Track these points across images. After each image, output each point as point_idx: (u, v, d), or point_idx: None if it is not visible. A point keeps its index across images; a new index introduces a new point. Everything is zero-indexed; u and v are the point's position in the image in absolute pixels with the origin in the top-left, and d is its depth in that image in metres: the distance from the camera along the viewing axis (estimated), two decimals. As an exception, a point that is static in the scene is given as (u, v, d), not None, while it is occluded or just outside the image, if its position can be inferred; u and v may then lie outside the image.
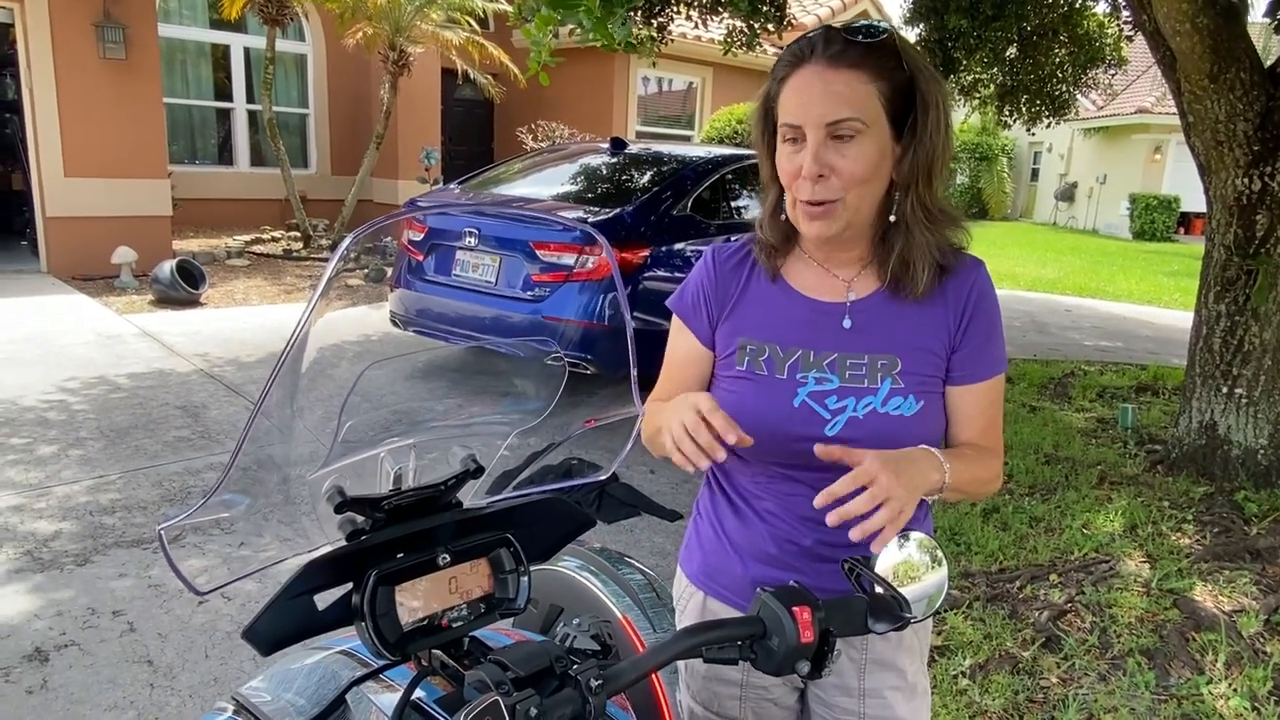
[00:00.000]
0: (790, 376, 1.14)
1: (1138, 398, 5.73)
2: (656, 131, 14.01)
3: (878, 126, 1.04)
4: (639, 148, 5.96)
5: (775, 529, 1.19)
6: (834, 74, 1.02)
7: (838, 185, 1.04)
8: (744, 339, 1.18)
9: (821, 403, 1.13)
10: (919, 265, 1.10)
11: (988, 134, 19.77)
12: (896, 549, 1.08)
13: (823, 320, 1.15)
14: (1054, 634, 2.85)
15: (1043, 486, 4.06)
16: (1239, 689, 2.57)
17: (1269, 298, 4.05)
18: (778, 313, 1.18)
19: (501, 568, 0.95)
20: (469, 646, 0.91)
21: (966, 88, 9.03)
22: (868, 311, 1.15)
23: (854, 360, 1.13)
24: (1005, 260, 13.70)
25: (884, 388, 1.12)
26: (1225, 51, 3.87)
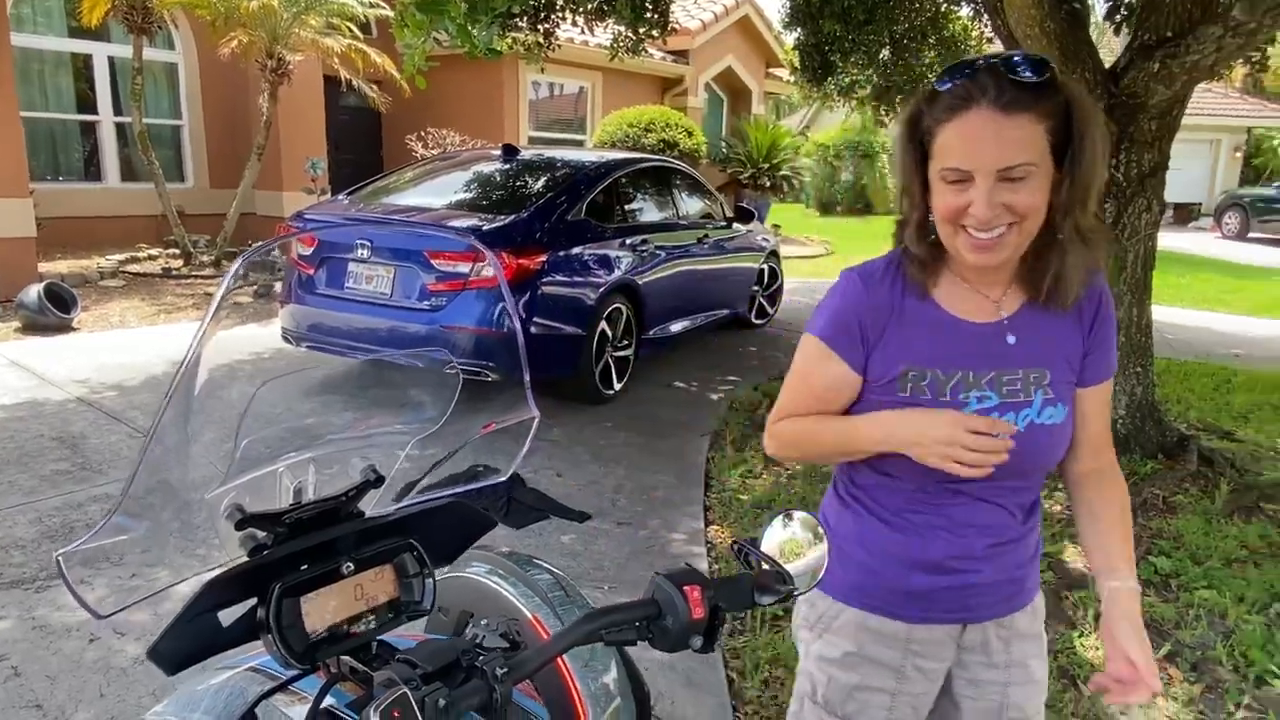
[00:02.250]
0: (953, 398, 1.19)
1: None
2: (550, 136, 14.01)
3: (1045, 162, 1.07)
4: (532, 153, 5.98)
5: (943, 539, 1.25)
6: (1007, 120, 1.04)
7: (1010, 217, 1.07)
8: (906, 365, 1.20)
9: None
10: (1072, 282, 1.16)
11: (868, 132, 20.58)
12: (781, 528, 1.17)
13: (981, 341, 1.20)
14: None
15: (929, 465, 4.29)
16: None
17: (1119, 279, 4.40)
18: (936, 337, 1.20)
19: (406, 572, 0.98)
20: (377, 650, 0.94)
21: (845, 89, 9.40)
22: (1018, 329, 1.20)
23: (1009, 376, 1.19)
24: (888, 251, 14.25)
25: (1037, 399, 1.19)
26: (1071, 53, 4.19)
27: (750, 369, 6.25)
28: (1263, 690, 2.57)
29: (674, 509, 3.81)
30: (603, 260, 5.07)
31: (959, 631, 1.31)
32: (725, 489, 4.03)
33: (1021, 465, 1.19)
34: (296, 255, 4.93)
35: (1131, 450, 4.38)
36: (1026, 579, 1.32)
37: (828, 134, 22.20)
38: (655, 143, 12.54)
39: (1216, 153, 20.02)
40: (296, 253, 4.94)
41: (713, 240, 6.34)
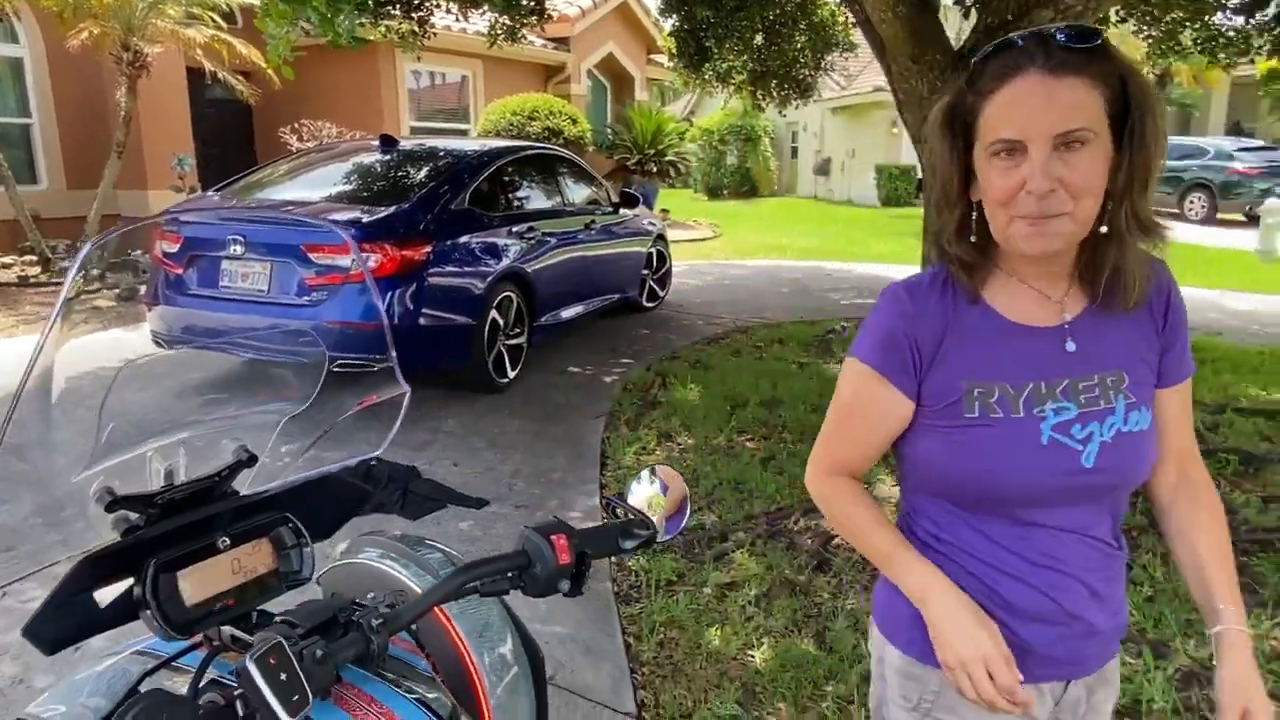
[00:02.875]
0: (1028, 413, 1.06)
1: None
2: (432, 126, 13.76)
3: (1103, 135, 0.98)
4: (412, 144, 5.91)
5: (1054, 582, 1.08)
6: (1059, 82, 0.96)
7: (1066, 198, 0.97)
8: (968, 382, 1.07)
9: (1068, 433, 1.06)
10: (1133, 277, 1.06)
11: (749, 116, 21.06)
12: (647, 483, 1.26)
13: (1045, 347, 1.08)
14: (825, 558, 3.23)
15: (811, 432, 4.49)
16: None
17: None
18: (995, 346, 1.08)
19: (283, 544, 1.02)
20: (259, 620, 0.98)
21: (722, 75, 9.63)
22: (1086, 330, 1.09)
23: (1086, 382, 1.07)
24: (775, 233, 14.74)
25: (1119, 405, 1.07)
26: (922, 36, 4.45)
27: (643, 351, 6.37)
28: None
29: (571, 489, 3.89)
30: (490, 249, 5.07)
31: (1062, 689, 1.14)
32: (620, 467, 4.14)
33: (1114, 481, 1.08)
34: (161, 254, 4.74)
35: (994, 406, 4.73)
36: (1125, 623, 1.18)
37: (711, 119, 22.60)
38: (540, 131, 12.51)
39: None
40: (161, 251, 4.74)
41: (600, 226, 6.42)
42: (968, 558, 1.11)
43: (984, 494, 1.07)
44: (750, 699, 2.46)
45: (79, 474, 0.92)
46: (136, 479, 0.97)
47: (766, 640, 2.72)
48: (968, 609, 1.03)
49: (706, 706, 2.42)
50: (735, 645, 2.69)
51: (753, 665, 2.61)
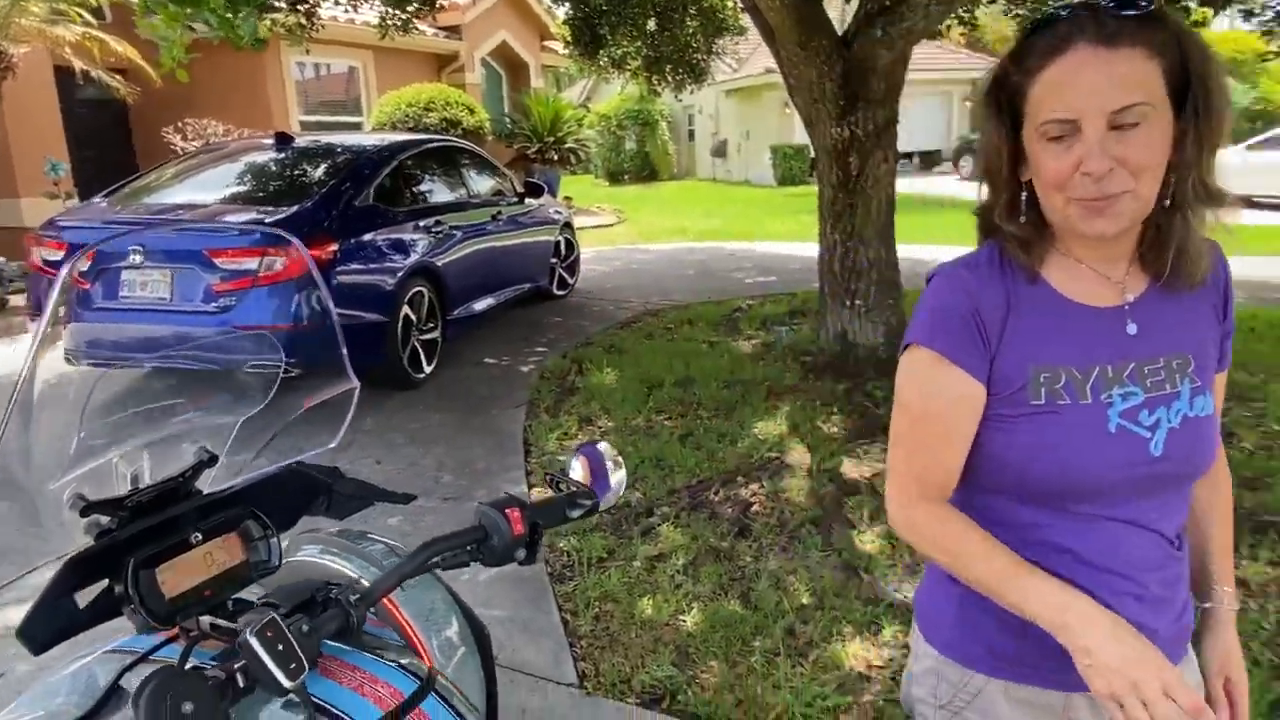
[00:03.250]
0: (1095, 399, 1.00)
1: (791, 321, 6.73)
2: (323, 120, 13.38)
3: (1163, 108, 0.91)
4: (308, 140, 5.80)
5: (1108, 582, 1.00)
6: (1113, 54, 0.90)
7: (1126, 176, 0.92)
8: (1036, 366, 1.00)
9: (1135, 420, 1.00)
10: (1198, 252, 1.00)
11: (646, 101, 21.24)
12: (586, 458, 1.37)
13: (1107, 328, 1.02)
14: (745, 524, 3.41)
15: (725, 407, 4.70)
16: (879, 533, 3.28)
17: (868, 224, 4.99)
18: (1059, 328, 1.02)
19: (251, 536, 1.09)
20: (235, 607, 1.05)
21: (617, 61, 9.73)
22: (1148, 311, 1.03)
23: (1151, 365, 1.01)
24: (676, 216, 14.98)
25: (1185, 389, 1.02)
26: (808, 23, 4.66)
27: (557, 339, 6.45)
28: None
29: (496, 478, 3.96)
30: (397, 245, 5.05)
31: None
32: (544, 453, 4.23)
33: (1182, 470, 1.03)
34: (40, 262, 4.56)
35: (889, 372, 5.00)
36: (1191, 626, 1.10)
37: (609, 104, 22.67)
38: (437, 122, 12.35)
39: (950, 104, 22.40)
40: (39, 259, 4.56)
41: (507, 216, 6.45)
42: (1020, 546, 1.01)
43: (1048, 487, 1.00)
44: (684, 660, 2.61)
45: (55, 482, 0.97)
46: (108, 486, 1.02)
47: (696, 605, 2.87)
48: (1127, 629, 0.91)
49: (645, 671, 2.55)
50: (667, 612, 2.84)
51: (685, 629, 2.76)
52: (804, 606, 2.85)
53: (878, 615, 2.78)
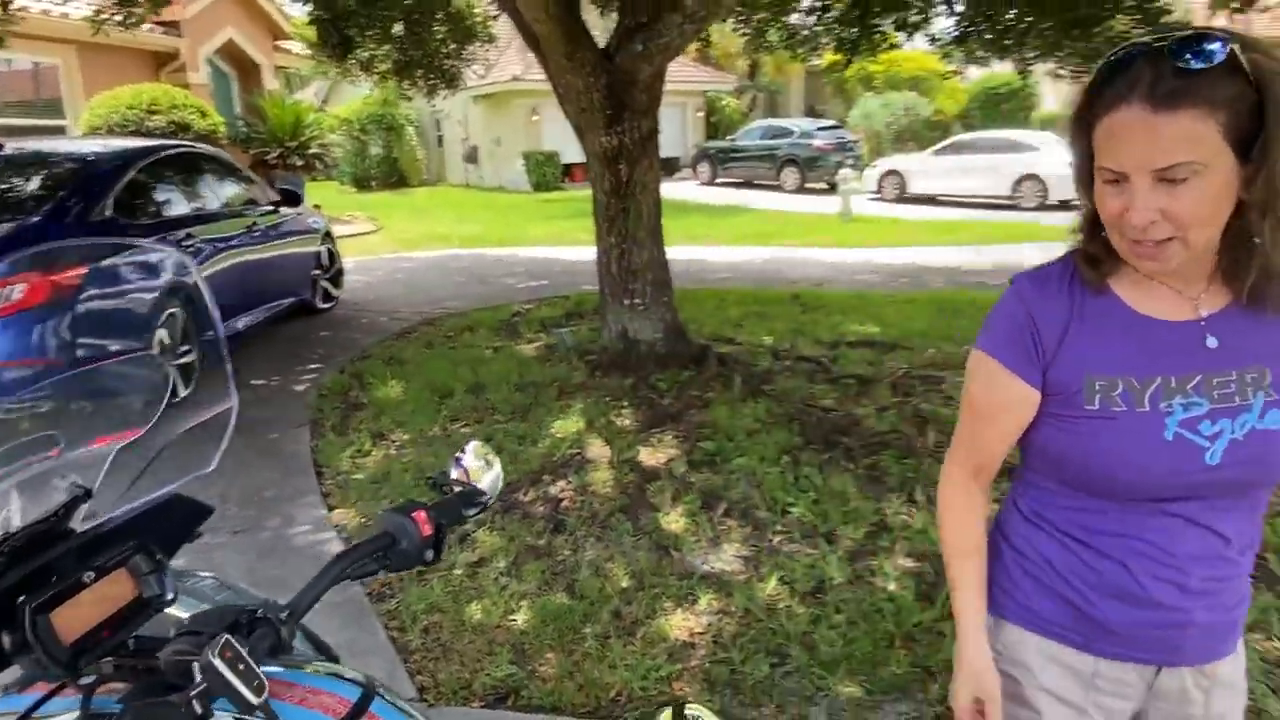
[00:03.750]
0: (1153, 408, 1.04)
1: (570, 322, 6.91)
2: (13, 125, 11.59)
3: (1218, 159, 0.92)
4: (13, 147, 5.06)
5: (1146, 567, 1.09)
6: (1162, 118, 0.91)
7: (1169, 228, 0.95)
8: (1091, 375, 1.06)
9: (1195, 429, 1.04)
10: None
11: (391, 105, 20.56)
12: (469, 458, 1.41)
13: (1179, 341, 1.06)
14: (559, 520, 3.51)
15: (519, 410, 4.76)
16: (682, 512, 3.52)
17: (640, 227, 5.27)
18: (1123, 339, 1.07)
19: (140, 571, 1.03)
20: (139, 645, 1.00)
21: (365, 64, 9.38)
22: (1227, 325, 1.05)
23: (1221, 378, 1.05)
24: (434, 223, 14.69)
25: (1258, 402, 1.04)
26: (574, 35, 4.84)
27: (329, 354, 6.15)
28: (788, 517, 3.48)
29: (290, 503, 3.74)
30: (144, 264, 4.57)
31: (1153, 674, 1.15)
32: (338, 473, 4.05)
33: (1242, 477, 1.06)
34: None
35: (669, 365, 5.32)
36: (1240, 620, 1.16)
37: (350, 107, 21.67)
38: (164, 126, 11.15)
39: (685, 114, 23.85)
40: None
41: (263, 227, 6.04)
42: (1071, 526, 1.13)
43: (1103, 484, 1.08)
44: (521, 657, 2.67)
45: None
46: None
47: (524, 603, 2.94)
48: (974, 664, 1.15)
49: (484, 673, 2.58)
50: (497, 614, 2.88)
51: (516, 627, 2.81)
52: (625, 589, 3.01)
53: (692, 587, 3.01)
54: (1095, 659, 1.14)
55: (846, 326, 6.67)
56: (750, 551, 3.26)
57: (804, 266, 10.10)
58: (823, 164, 18.77)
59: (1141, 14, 7.27)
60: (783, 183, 19.34)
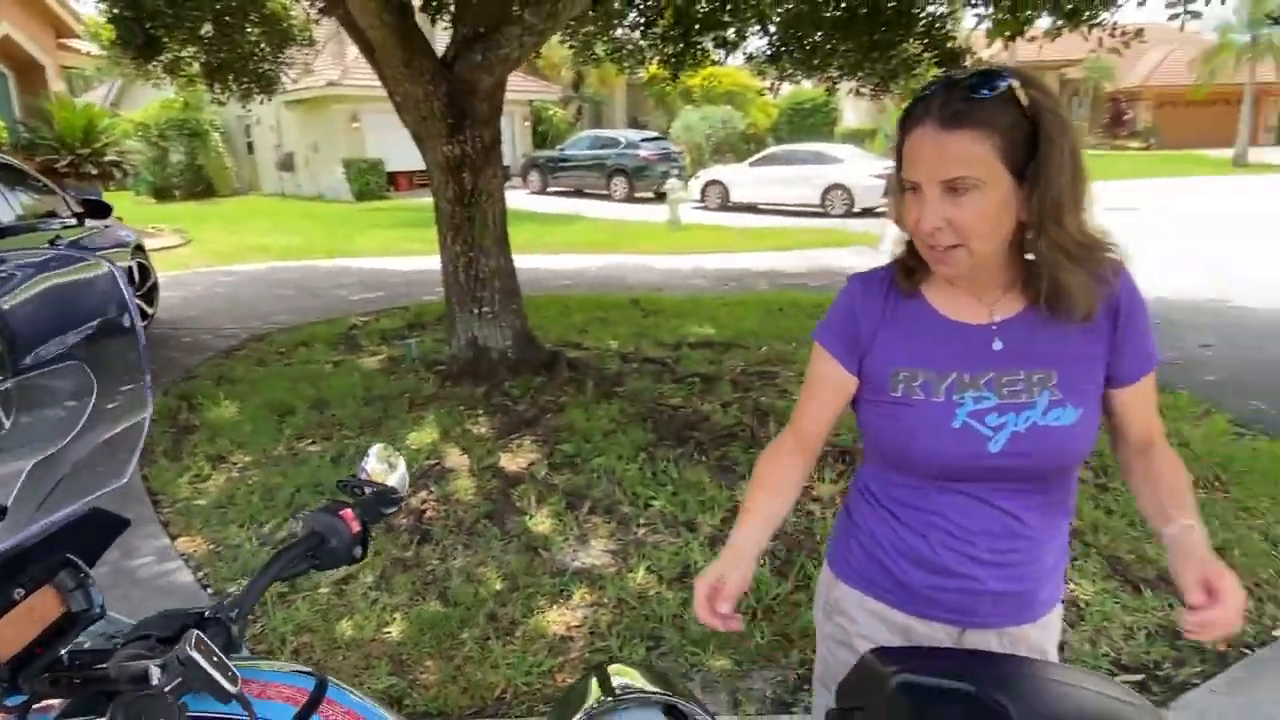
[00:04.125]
0: (947, 399, 1.18)
1: (412, 333, 6.79)
2: None
3: (995, 177, 1.06)
4: None
5: (942, 539, 1.23)
6: (947, 136, 1.06)
7: (951, 235, 1.10)
8: (897, 367, 1.22)
9: (981, 421, 1.17)
10: (1076, 298, 1.13)
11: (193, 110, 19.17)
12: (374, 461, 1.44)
13: (972, 342, 1.20)
14: (424, 530, 3.49)
15: (369, 424, 4.66)
16: (547, 513, 3.60)
17: (487, 235, 5.29)
18: (926, 338, 1.22)
19: (67, 586, 1.02)
20: (74, 659, 0.98)
21: (169, 66, 8.75)
22: (1017, 330, 1.19)
23: (1010, 377, 1.17)
24: (251, 234, 13.87)
25: (1041, 400, 1.16)
26: (411, 43, 4.80)
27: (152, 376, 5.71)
28: (650, 510, 3.64)
29: (128, 535, 3.48)
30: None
31: (959, 633, 1.30)
32: (176, 500, 3.81)
33: (1022, 466, 1.18)
34: None
35: (521, 371, 5.37)
36: (1039, 591, 1.27)
37: (146, 112, 20.01)
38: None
39: (513, 123, 23.79)
40: None
41: (67, 242, 5.53)
42: (889, 501, 1.29)
43: (904, 461, 1.24)
44: (400, 667, 2.66)
45: None
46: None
47: (397, 615, 2.92)
48: (718, 562, 1.22)
49: (364, 686, 2.55)
50: (370, 628, 2.84)
51: (393, 639, 2.79)
52: (499, 591, 3.06)
53: (565, 584, 3.10)
54: (908, 616, 1.30)
55: (686, 329, 6.96)
56: (617, 545, 3.39)
57: (640, 273, 10.40)
58: (649, 174, 19.31)
59: (930, 39, 8.10)
60: (612, 192, 19.71)
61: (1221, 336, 6.69)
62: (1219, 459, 4.08)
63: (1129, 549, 3.27)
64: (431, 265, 10.59)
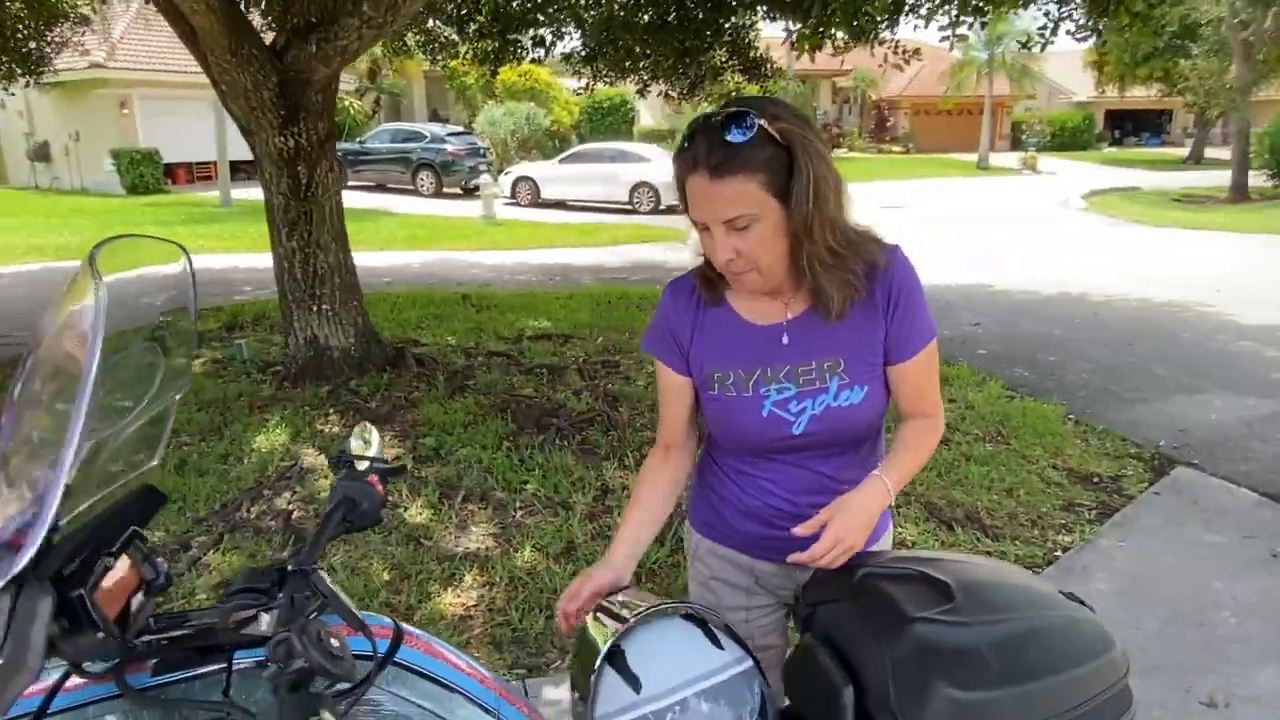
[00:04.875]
0: (755, 393, 1.35)
1: (232, 334, 6.44)
2: None
3: (767, 208, 1.19)
4: None
5: (765, 496, 1.42)
6: (718, 184, 1.17)
7: (743, 263, 1.24)
8: (709, 368, 1.38)
9: (785, 409, 1.34)
10: (831, 298, 1.28)
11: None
12: (355, 439, 1.52)
13: (768, 340, 1.35)
14: (295, 529, 3.44)
15: (209, 429, 4.44)
16: (423, 504, 3.66)
17: (324, 231, 5.16)
18: (731, 341, 1.37)
19: (138, 556, 1.07)
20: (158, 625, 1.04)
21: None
22: (805, 326, 1.34)
23: (804, 367, 1.33)
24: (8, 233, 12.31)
25: (833, 385, 1.33)
26: (238, 29, 4.60)
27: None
28: (524, 493, 3.79)
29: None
30: None
31: (795, 570, 1.45)
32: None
33: (822, 441, 1.36)
34: None
35: (368, 369, 5.30)
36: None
37: None
38: None
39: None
40: None
41: None
42: (726, 465, 1.47)
43: (726, 442, 1.45)
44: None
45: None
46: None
47: (288, 612, 2.89)
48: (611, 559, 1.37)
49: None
50: (263, 627, 2.80)
51: (289, 635, 2.77)
52: (390, 581, 3.10)
53: (455, 568, 3.20)
54: (750, 559, 1.50)
55: (523, 323, 7.10)
56: (498, 529, 3.51)
57: (464, 269, 10.36)
58: (457, 169, 19.04)
59: (734, 47, 8.72)
60: (419, 187, 19.24)
61: (986, 316, 7.77)
62: (999, 417, 4.83)
63: (940, 495, 3.84)
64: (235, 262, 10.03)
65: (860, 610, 1.23)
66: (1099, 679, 1.13)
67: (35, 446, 1.02)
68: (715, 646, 1.18)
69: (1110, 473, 4.17)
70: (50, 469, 0.92)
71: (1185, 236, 13.59)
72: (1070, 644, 1.14)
